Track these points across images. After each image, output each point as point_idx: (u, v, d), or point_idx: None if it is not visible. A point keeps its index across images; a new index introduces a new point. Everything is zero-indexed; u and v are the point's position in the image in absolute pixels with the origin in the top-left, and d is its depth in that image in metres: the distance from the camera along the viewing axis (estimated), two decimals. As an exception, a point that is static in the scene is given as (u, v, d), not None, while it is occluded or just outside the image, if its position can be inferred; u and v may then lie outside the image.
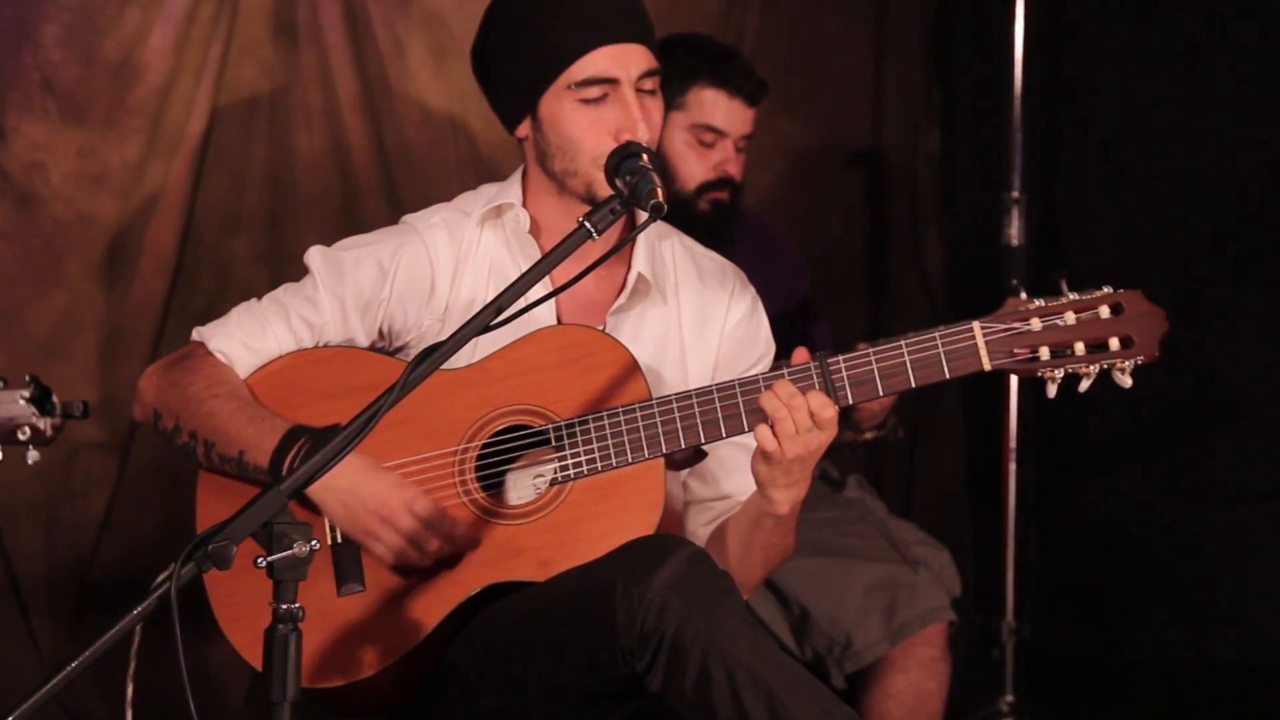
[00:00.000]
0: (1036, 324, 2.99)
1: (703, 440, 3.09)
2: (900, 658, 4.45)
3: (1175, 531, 5.41)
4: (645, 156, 2.97)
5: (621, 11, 3.23)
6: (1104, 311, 2.99)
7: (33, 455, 3.23)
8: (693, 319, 3.38)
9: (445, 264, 3.32)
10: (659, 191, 2.88)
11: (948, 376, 3.01)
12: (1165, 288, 3.04)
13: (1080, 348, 2.98)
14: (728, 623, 2.87)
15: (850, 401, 3.03)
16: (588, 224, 2.86)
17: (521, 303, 2.79)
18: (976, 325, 3.00)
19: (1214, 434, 5.39)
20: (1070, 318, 2.98)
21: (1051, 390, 3.00)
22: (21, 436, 3.22)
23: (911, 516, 5.23)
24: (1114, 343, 2.98)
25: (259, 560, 2.54)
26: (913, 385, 3.02)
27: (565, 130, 3.21)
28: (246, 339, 3.28)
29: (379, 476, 3.09)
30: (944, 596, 4.52)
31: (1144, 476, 5.52)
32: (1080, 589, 5.63)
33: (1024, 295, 3.02)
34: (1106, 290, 3.01)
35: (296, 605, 2.55)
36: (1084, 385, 3.00)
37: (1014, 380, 5.30)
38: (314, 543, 2.55)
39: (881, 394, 3.03)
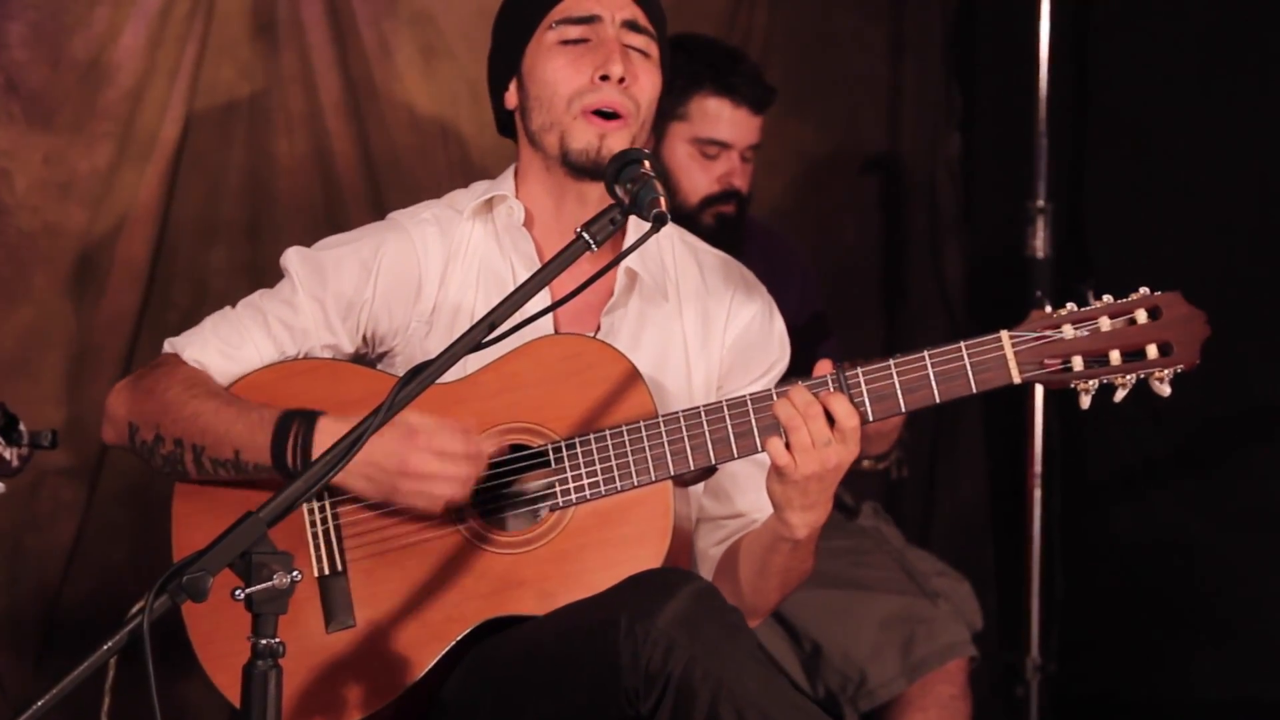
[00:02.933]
0: (1069, 331, 2.95)
1: (713, 460, 3.08)
2: (918, 696, 4.45)
3: (1212, 560, 5.40)
4: (647, 163, 2.97)
5: None
6: (1141, 316, 2.95)
7: (-2, 487, 3.24)
8: (695, 322, 3.37)
9: (434, 262, 3.32)
10: (662, 201, 2.87)
11: (974, 390, 2.98)
12: (1199, 301, 3.01)
13: (1116, 356, 2.94)
14: (738, 661, 2.86)
15: (871, 419, 3.01)
16: (586, 235, 2.85)
17: (516, 318, 2.78)
18: (1005, 335, 2.97)
19: (1253, 454, 5.36)
20: (1105, 324, 2.95)
21: (1085, 401, 2.96)
22: (-14, 468, 3.22)
23: (930, 546, 5.23)
24: (1152, 350, 2.94)
25: (236, 592, 2.53)
26: (937, 400, 2.99)
27: (543, 74, 3.27)
28: (223, 347, 3.26)
29: (384, 433, 2.99)
30: (964, 631, 4.52)
31: (1178, 501, 5.50)
32: (1110, 622, 5.62)
33: (1049, 309, 2.99)
34: (1144, 293, 2.97)
35: (277, 640, 2.54)
36: (1119, 395, 2.96)
37: (1039, 399, 5.30)
38: (295, 573, 2.54)
39: (904, 409, 3.00)
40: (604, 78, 3.23)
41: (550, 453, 3.11)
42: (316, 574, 3.15)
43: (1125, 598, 5.60)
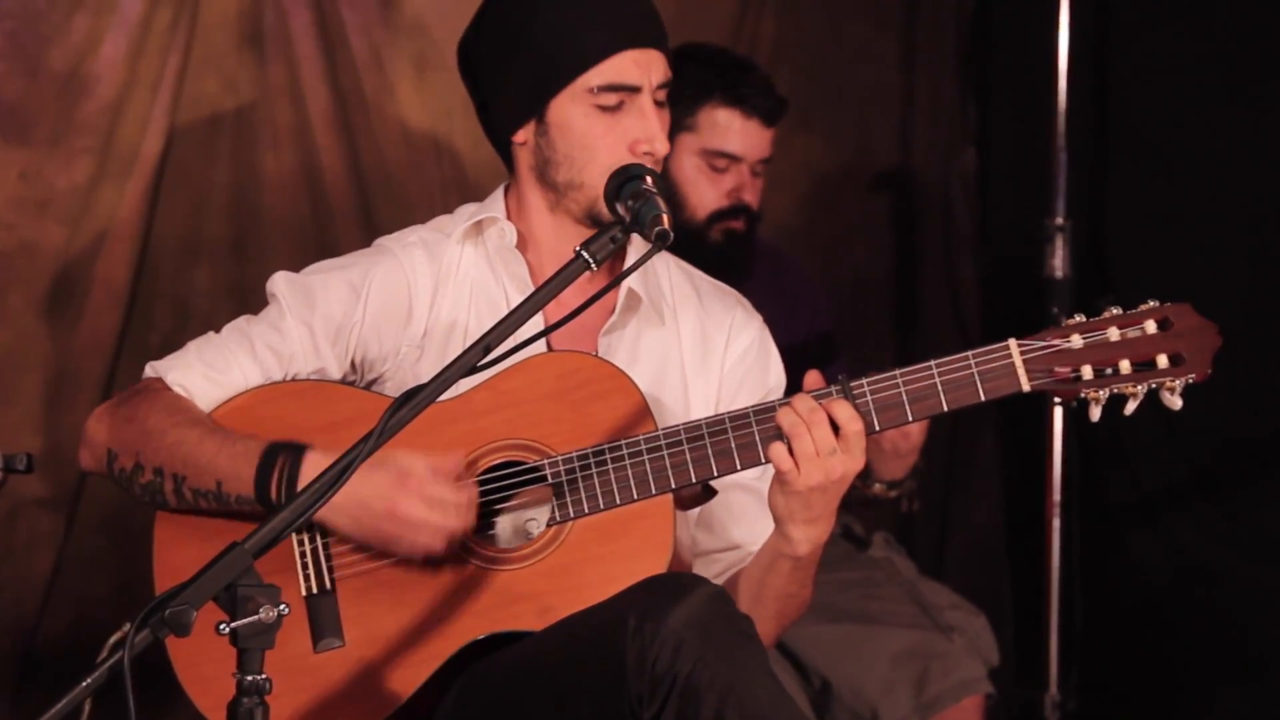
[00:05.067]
0: (1078, 341, 3.01)
1: (715, 473, 3.09)
2: (932, 735, 4.45)
3: (1239, 591, 5.39)
4: (650, 179, 2.97)
5: (645, 14, 3.28)
6: (1150, 327, 3.02)
7: (-29, 514, 3.24)
8: (693, 345, 3.38)
9: (424, 285, 3.32)
10: (665, 218, 2.88)
11: (983, 399, 3.04)
12: (1222, 320, 3.05)
13: (1126, 366, 3.01)
14: (749, 669, 2.87)
15: (877, 429, 3.03)
16: (585, 253, 2.86)
17: (511, 341, 2.79)
18: (1013, 343, 3.03)
19: (1278, 480, 5.38)
20: (1115, 334, 3.02)
21: (1095, 412, 3.03)
22: (-41, 494, 3.22)
23: (944, 578, 5.23)
24: (1162, 360, 3.01)
25: (221, 626, 2.53)
26: (945, 409, 3.04)
27: (578, 138, 3.23)
28: (208, 371, 3.26)
29: (376, 474, 3.03)
30: (980, 667, 4.51)
31: (1202, 530, 5.50)
32: (1132, 657, 5.61)
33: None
34: (1153, 304, 3.04)
35: (263, 677, 2.54)
36: (1130, 407, 3.03)
37: (1058, 424, 5.30)
38: (283, 607, 2.54)
39: (911, 419, 3.03)
40: (646, 152, 3.19)
41: (548, 468, 3.12)
42: (304, 593, 3.15)
43: (1148, 631, 5.60)
